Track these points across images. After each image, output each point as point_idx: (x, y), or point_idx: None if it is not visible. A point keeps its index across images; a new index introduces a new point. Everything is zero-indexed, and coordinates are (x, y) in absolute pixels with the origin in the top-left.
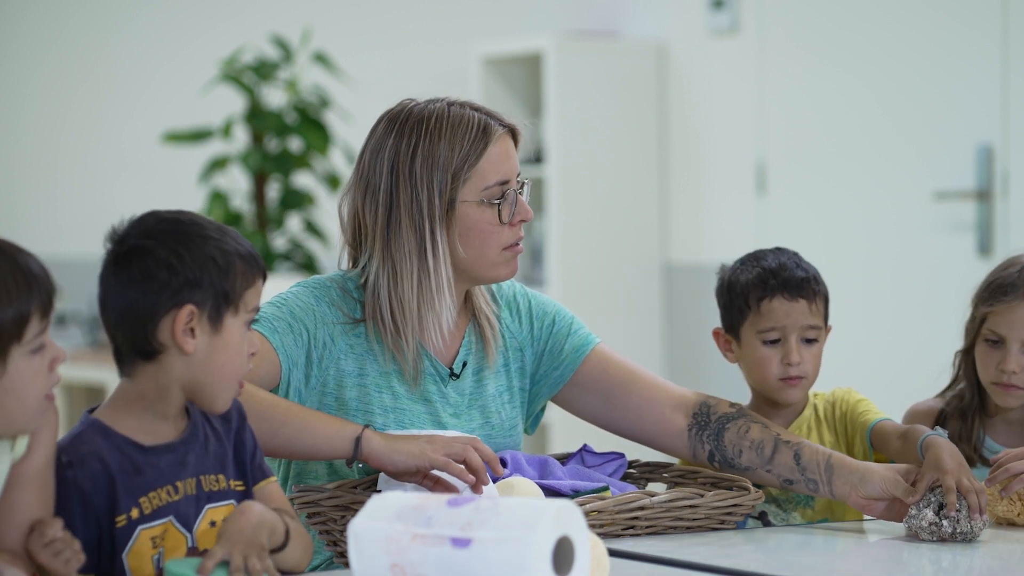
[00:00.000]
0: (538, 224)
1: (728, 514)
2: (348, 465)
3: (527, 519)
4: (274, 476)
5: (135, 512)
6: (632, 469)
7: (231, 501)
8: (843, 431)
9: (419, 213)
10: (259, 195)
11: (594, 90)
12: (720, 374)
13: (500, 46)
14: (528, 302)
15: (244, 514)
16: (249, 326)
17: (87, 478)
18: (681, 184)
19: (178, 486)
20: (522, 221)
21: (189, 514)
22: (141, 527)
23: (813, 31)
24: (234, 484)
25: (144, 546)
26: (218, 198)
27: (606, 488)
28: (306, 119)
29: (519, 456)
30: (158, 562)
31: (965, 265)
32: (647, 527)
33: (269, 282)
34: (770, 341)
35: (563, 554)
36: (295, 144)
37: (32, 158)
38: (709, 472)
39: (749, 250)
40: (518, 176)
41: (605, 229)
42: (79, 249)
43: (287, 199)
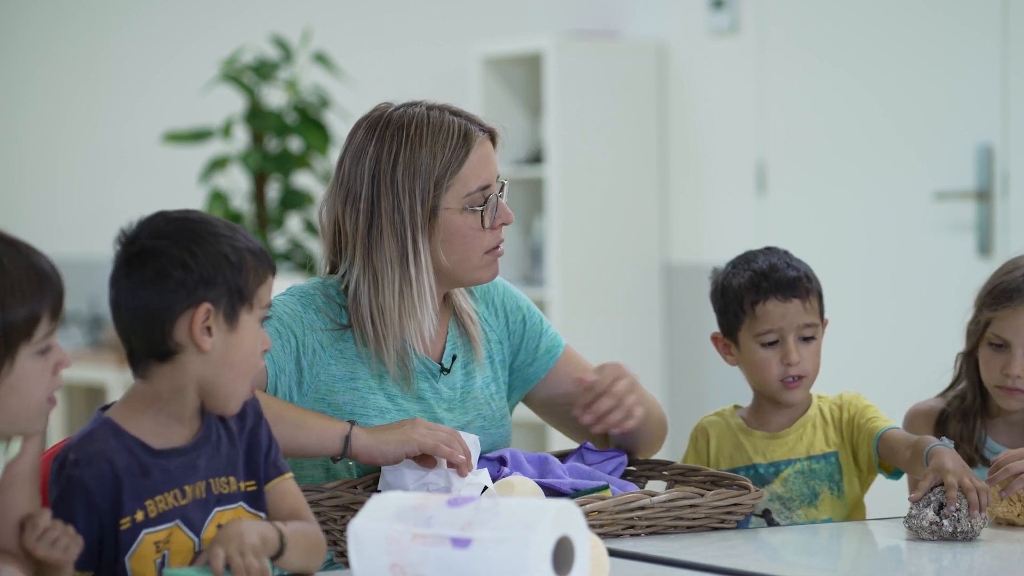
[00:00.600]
0: (538, 224)
1: (728, 513)
2: (334, 461)
3: (527, 519)
4: (290, 473)
5: (140, 515)
6: (632, 467)
7: (240, 503)
8: (849, 434)
9: (401, 222)
10: (259, 195)
11: (594, 90)
12: (720, 374)
13: (500, 46)
14: (502, 296)
15: (234, 523)
16: (262, 322)
17: (92, 477)
18: (681, 184)
19: (186, 490)
20: (503, 224)
21: (197, 518)
22: (146, 531)
23: (813, 31)
24: (245, 485)
25: (147, 550)
26: (218, 198)
27: (606, 487)
28: (306, 119)
29: (519, 454)
30: (161, 566)
31: (965, 265)
32: (647, 527)
33: None
34: (768, 343)
35: (563, 554)
36: (295, 144)
37: (32, 158)
38: (709, 470)
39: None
40: (498, 178)
41: (605, 229)
42: (79, 249)
43: (287, 199)
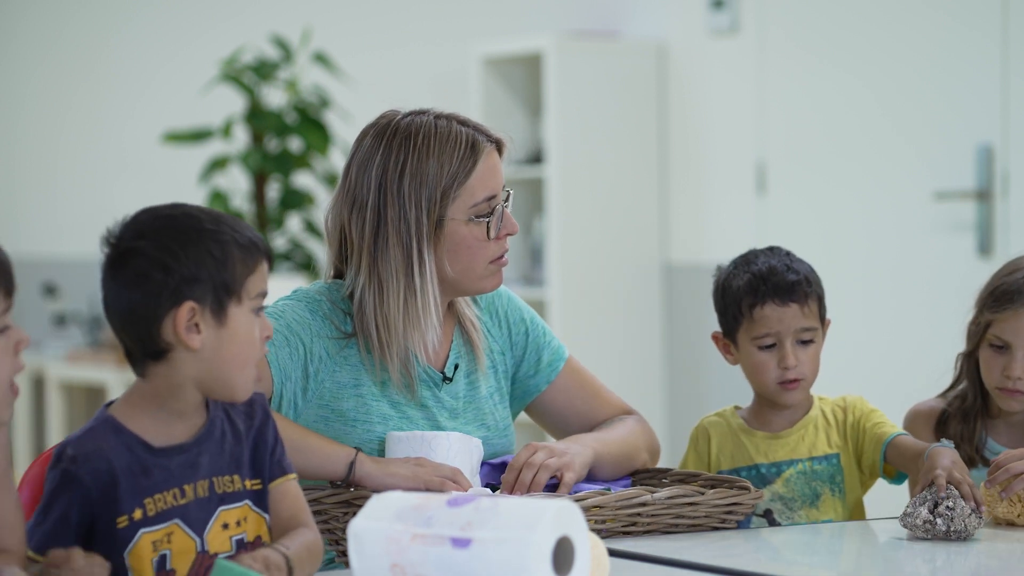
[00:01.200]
0: (538, 224)
1: (729, 512)
2: (334, 486)
3: (527, 519)
4: (293, 474)
5: (138, 513)
6: (631, 476)
7: (246, 502)
8: (854, 438)
9: (407, 232)
10: (259, 195)
11: (594, 90)
12: (720, 374)
13: (500, 46)
14: (506, 307)
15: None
16: (259, 311)
17: (89, 474)
18: (681, 184)
19: (186, 489)
20: (508, 235)
21: (199, 517)
22: (143, 530)
23: (813, 31)
24: (250, 484)
25: (144, 549)
26: (218, 198)
27: (608, 491)
28: (306, 119)
29: None
30: (158, 565)
31: (965, 265)
32: (648, 524)
33: (270, 283)
34: (765, 346)
35: (563, 554)
36: (295, 144)
37: (32, 158)
38: (708, 475)
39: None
40: (503, 188)
41: (605, 229)
42: (79, 249)
43: (287, 199)
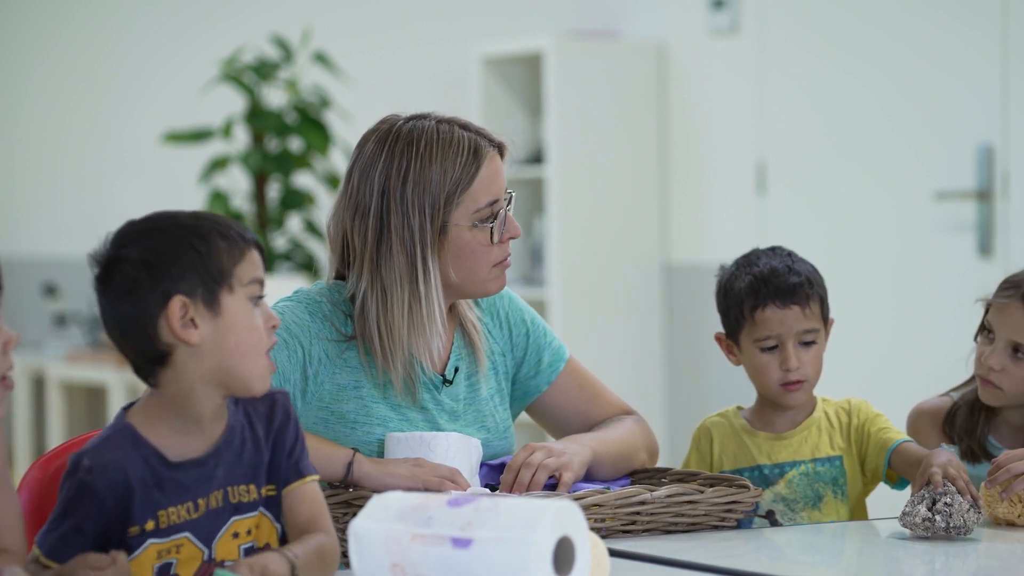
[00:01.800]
0: (538, 224)
1: (728, 511)
2: (332, 487)
3: (527, 519)
4: (312, 476)
5: (150, 525)
6: (630, 476)
7: (260, 510)
8: (857, 441)
9: (410, 239)
10: (259, 195)
11: (594, 90)
12: (720, 374)
13: (500, 46)
14: (507, 308)
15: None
16: (257, 300)
17: (105, 486)
18: (681, 184)
19: (199, 503)
20: (511, 239)
21: (210, 528)
22: (151, 540)
23: (813, 31)
24: (266, 491)
25: (148, 558)
26: (218, 198)
27: (607, 490)
28: (306, 119)
29: None
30: (161, 570)
31: (965, 265)
32: (647, 523)
33: (269, 282)
34: (767, 348)
35: (563, 554)
36: (295, 144)
37: (32, 158)
38: (707, 474)
39: (747, 251)
40: (506, 191)
41: (605, 229)
42: (79, 249)
43: (287, 199)
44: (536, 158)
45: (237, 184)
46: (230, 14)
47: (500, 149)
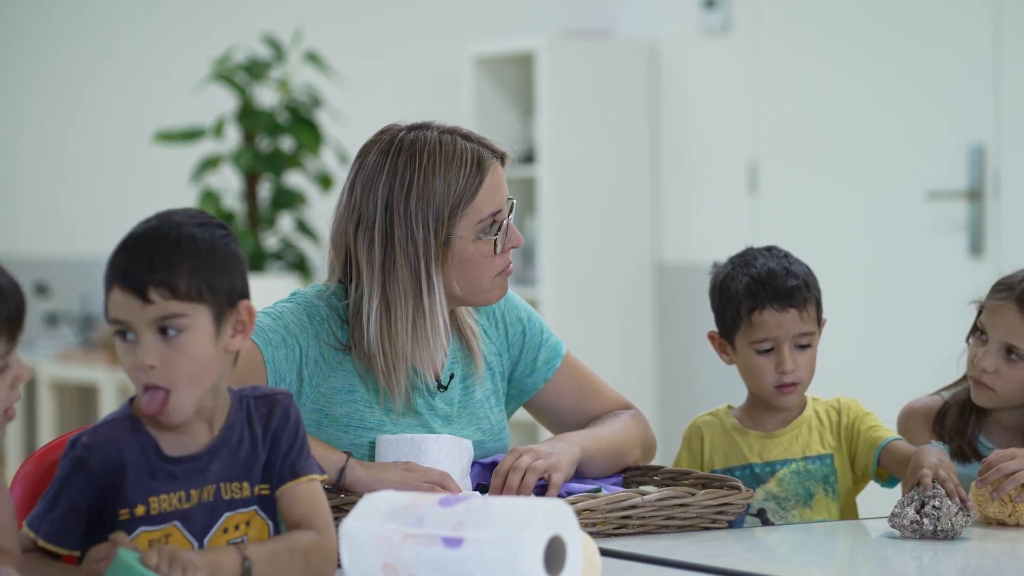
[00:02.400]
0: (530, 224)
1: (719, 513)
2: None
3: (519, 519)
4: (308, 476)
5: (140, 509)
6: (623, 473)
7: (253, 508)
8: (848, 439)
9: (415, 253)
10: (251, 195)
11: (586, 89)
12: (712, 373)
13: (492, 46)
14: (503, 307)
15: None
16: (118, 336)
17: (99, 461)
18: (673, 183)
19: (192, 494)
20: (513, 248)
21: (201, 521)
22: (143, 528)
23: (805, 31)
24: (260, 489)
25: (140, 546)
26: (209, 197)
27: (598, 490)
28: (298, 118)
29: None
30: None
31: (956, 265)
32: (639, 526)
33: (260, 282)
34: (763, 351)
35: (555, 554)
36: (287, 143)
37: (23, 157)
38: (699, 473)
39: (740, 250)
40: (507, 200)
41: (597, 228)
42: (71, 249)
43: (279, 199)
44: (528, 158)
45: (228, 183)
46: (222, 14)
47: (502, 159)
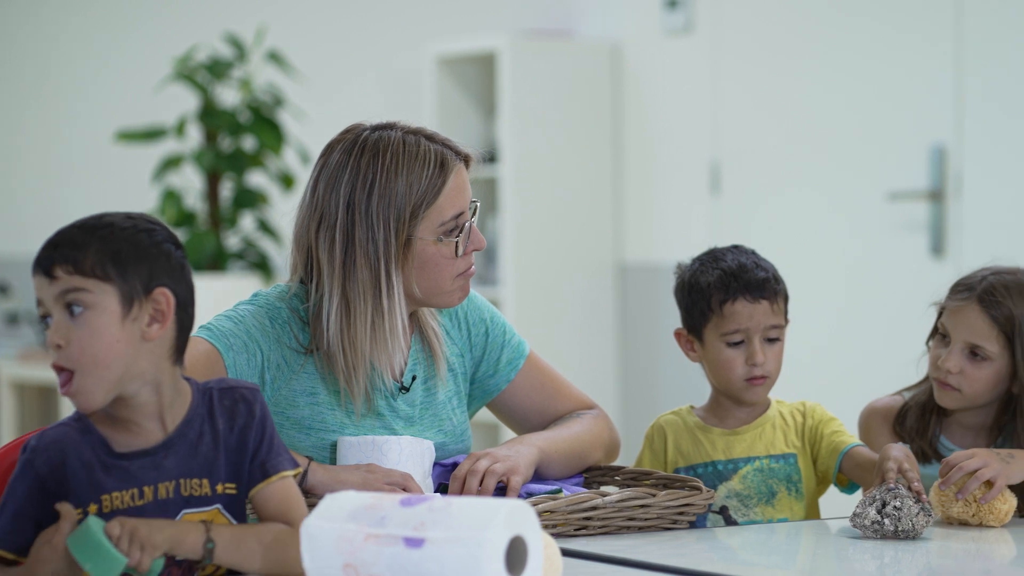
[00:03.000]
0: (491, 223)
1: (680, 513)
2: None
3: (480, 519)
4: (280, 474)
5: (93, 507)
6: (584, 474)
7: (216, 506)
8: (811, 440)
9: (375, 252)
10: (212, 194)
11: (548, 89)
12: (673, 373)
13: (454, 45)
14: (466, 307)
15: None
16: (44, 320)
17: (45, 463)
18: (635, 184)
19: (145, 491)
20: (475, 250)
21: (158, 518)
22: None
23: (767, 31)
24: (222, 488)
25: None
26: (171, 197)
27: (559, 491)
28: (260, 118)
29: None
30: None
31: (918, 265)
32: (600, 527)
33: (221, 282)
34: (734, 343)
35: (516, 554)
36: (249, 143)
37: None
38: (660, 473)
39: (703, 250)
40: (471, 202)
41: (559, 228)
42: (32, 248)
43: (240, 198)
44: (490, 157)
45: (190, 183)
46: (184, 13)
47: (466, 161)
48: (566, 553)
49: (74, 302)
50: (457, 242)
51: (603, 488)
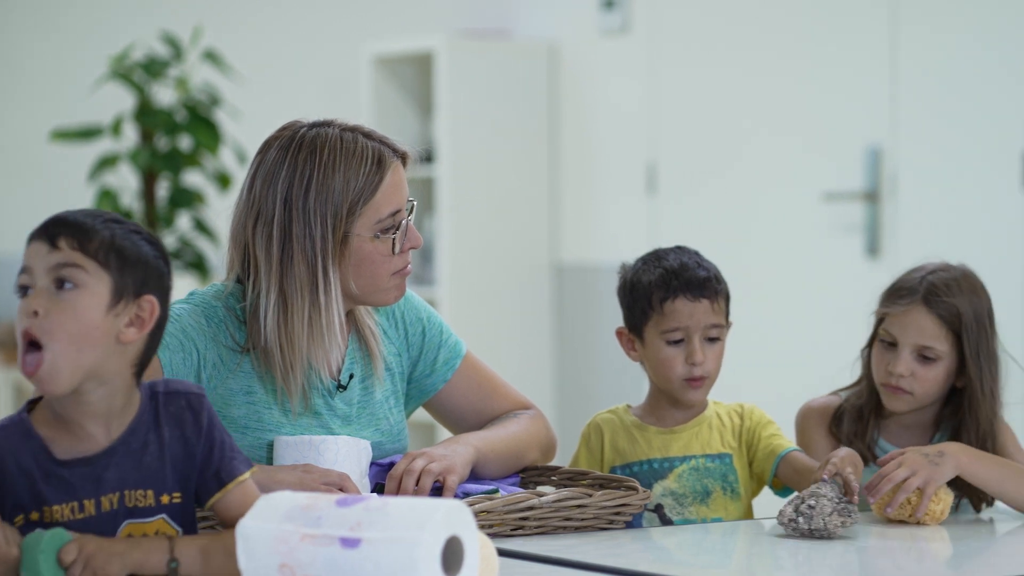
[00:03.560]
0: (428, 223)
1: (616, 513)
2: None
3: (417, 519)
4: (238, 478)
5: (35, 515)
6: (521, 473)
7: (160, 517)
8: (747, 442)
9: (312, 249)
10: (148, 193)
11: (485, 89)
12: (609, 373)
13: (391, 45)
14: (403, 307)
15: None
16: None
17: None
18: (572, 184)
19: (86, 504)
20: (412, 248)
21: (102, 531)
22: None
23: (704, 32)
24: (168, 498)
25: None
26: (107, 196)
27: (495, 491)
28: (196, 117)
29: None
30: None
31: (853, 266)
32: (536, 527)
33: None
34: (674, 341)
35: (452, 554)
36: (185, 142)
37: None
38: (597, 473)
39: (640, 250)
40: (408, 200)
41: (495, 229)
42: None
43: (177, 197)
44: (427, 157)
45: (126, 182)
46: (120, 11)
47: (403, 158)
48: (502, 553)
49: (68, 277)
50: (394, 239)
51: (540, 488)
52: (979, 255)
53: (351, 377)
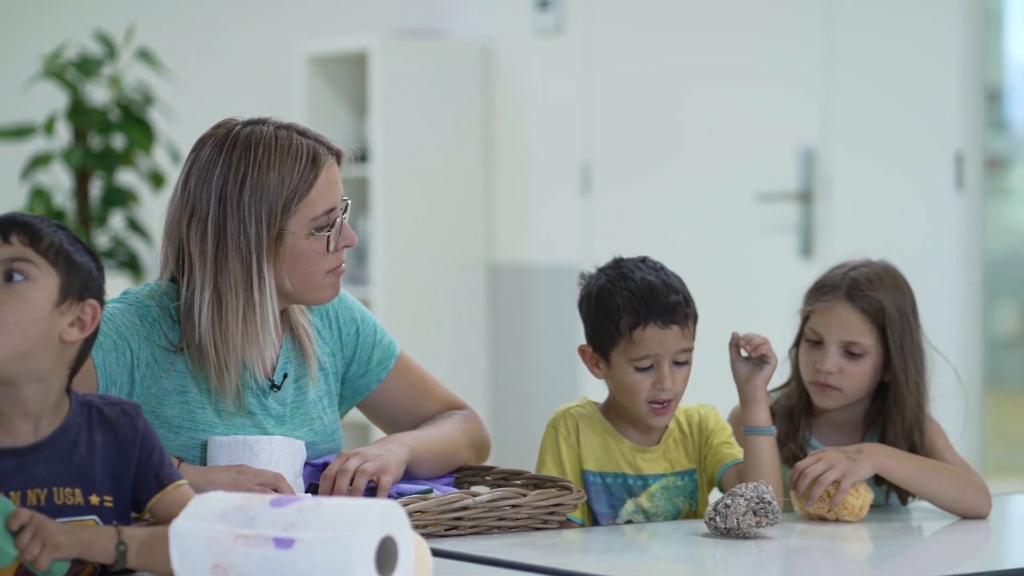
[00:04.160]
0: (362, 223)
1: (551, 513)
2: None
3: (350, 519)
4: (177, 482)
5: None
6: (455, 473)
7: (92, 517)
8: (698, 452)
9: (246, 246)
10: (82, 193)
11: (419, 89)
12: (544, 374)
13: (325, 45)
14: (336, 307)
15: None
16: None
17: None
18: (506, 184)
19: (12, 496)
20: (347, 247)
21: None
22: None
23: (638, 32)
24: (98, 500)
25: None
26: (40, 195)
27: (429, 491)
28: (130, 116)
29: None
30: None
31: (787, 266)
32: (471, 527)
33: None
34: (643, 368)
35: (386, 554)
36: (118, 141)
37: None
38: (531, 473)
39: (574, 249)
40: (342, 199)
41: (430, 229)
42: None
43: (110, 197)
44: (361, 157)
45: (59, 181)
46: (53, 10)
47: (338, 156)
48: (437, 553)
49: (19, 270)
50: (328, 237)
51: (474, 488)
52: (913, 256)
53: (285, 377)
